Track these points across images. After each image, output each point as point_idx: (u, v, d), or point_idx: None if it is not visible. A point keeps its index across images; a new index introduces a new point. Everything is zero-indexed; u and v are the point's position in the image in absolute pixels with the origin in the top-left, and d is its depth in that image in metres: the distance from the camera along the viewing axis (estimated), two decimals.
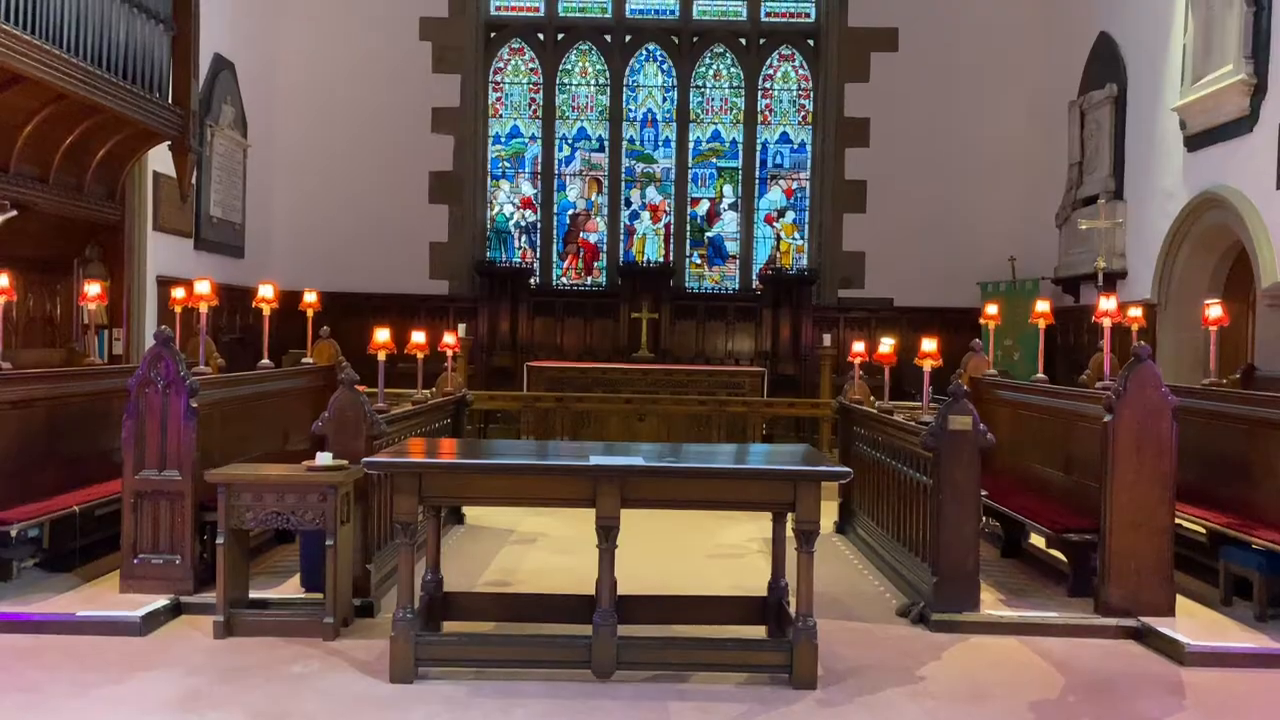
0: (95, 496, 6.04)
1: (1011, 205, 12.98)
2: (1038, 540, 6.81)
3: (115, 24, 7.98)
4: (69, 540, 6.04)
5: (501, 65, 13.75)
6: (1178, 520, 5.82)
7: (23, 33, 6.79)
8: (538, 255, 13.81)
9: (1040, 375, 7.35)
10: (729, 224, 13.93)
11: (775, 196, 13.91)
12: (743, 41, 13.66)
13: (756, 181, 13.84)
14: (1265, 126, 8.30)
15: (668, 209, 13.89)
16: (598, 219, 13.91)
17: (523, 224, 13.91)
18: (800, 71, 13.74)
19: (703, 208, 13.95)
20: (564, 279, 13.88)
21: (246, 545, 5.60)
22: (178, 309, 7.58)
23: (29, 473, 5.88)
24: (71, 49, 7.38)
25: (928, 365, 6.21)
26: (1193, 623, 5.50)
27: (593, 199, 13.92)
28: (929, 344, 6.34)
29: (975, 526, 5.71)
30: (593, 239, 13.94)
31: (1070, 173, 11.84)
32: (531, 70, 13.77)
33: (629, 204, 13.93)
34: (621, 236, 13.85)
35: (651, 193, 13.93)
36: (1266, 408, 5.94)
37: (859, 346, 8.03)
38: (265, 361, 7.16)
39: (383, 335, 6.52)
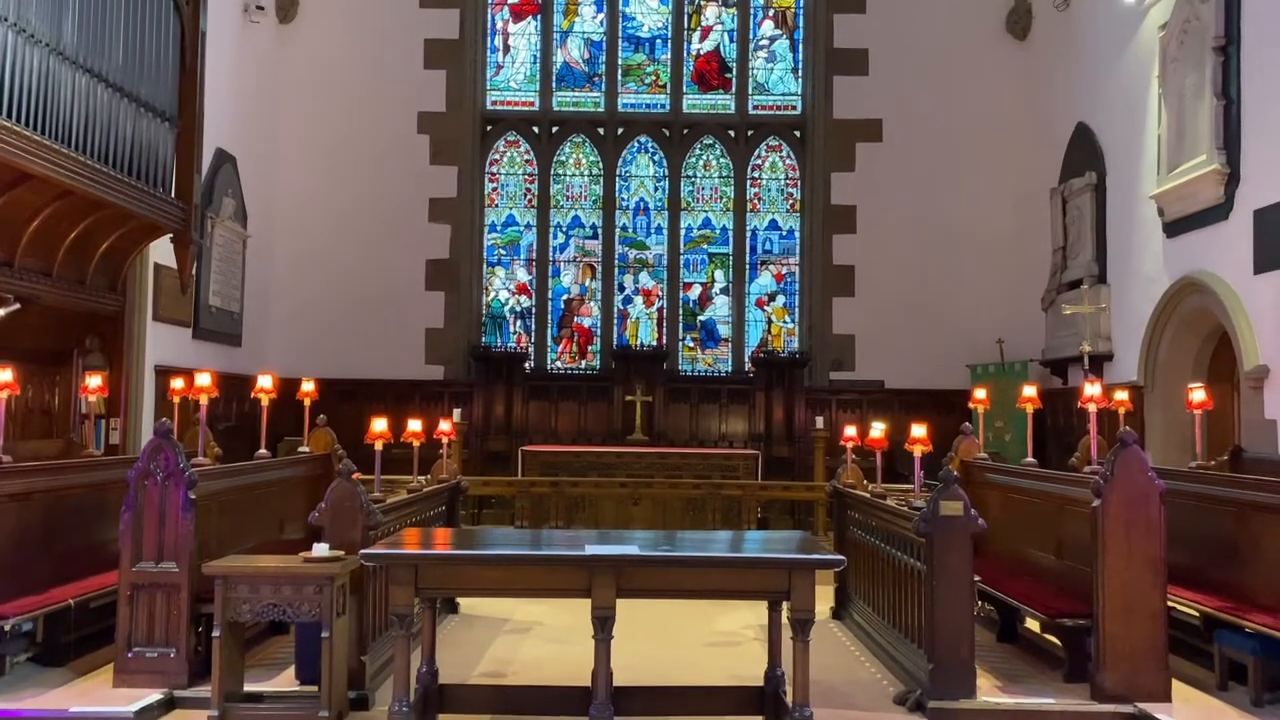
0: (90, 589, 6.03)
1: (998, 288, 13.21)
2: (1033, 624, 6.81)
3: (122, 122, 8.22)
4: (63, 634, 6.02)
5: (497, 156, 14.09)
6: (1171, 603, 5.85)
7: (32, 133, 7.00)
8: (532, 340, 13.97)
9: (1030, 459, 7.44)
10: (721, 308, 14.13)
11: (766, 281, 14.14)
12: (731, 133, 14.05)
13: (747, 266, 14.08)
14: (1240, 213, 8.55)
15: (660, 294, 14.11)
16: (592, 304, 14.11)
17: (518, 309, 14.10)
18: (787, 161, 14.10)
19: (695, 292, 14.16)
20: (558, 363, 14.01)
21: (242, 638, 5.59)
22: (176, 399, 7.66)
23: (24, 565, 5.89)
24: (79, 147, 7.60)
25: (918, 451, 6.29)
26: (1189, 709, 5.49)
27: (586, 284, 14.13)
28: (919, 429, 6.44)
29: (969, 612, 5.73)
30: (587, 323, 14.11)
31: (1054, 257, 12.10)
32: (527, 161, 14.11)
33: (622, 289, 14.14)
34: (615, 321, 14.03)
35: (644, 278, 14.15)
36: (1253, 491, 6.02)
37: (851, 430, 8.11)
38: (262, 451, 7.22)
39: (380, 425, 6.59)
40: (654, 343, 13.90)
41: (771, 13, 14.18)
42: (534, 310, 14.03)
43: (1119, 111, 10.83)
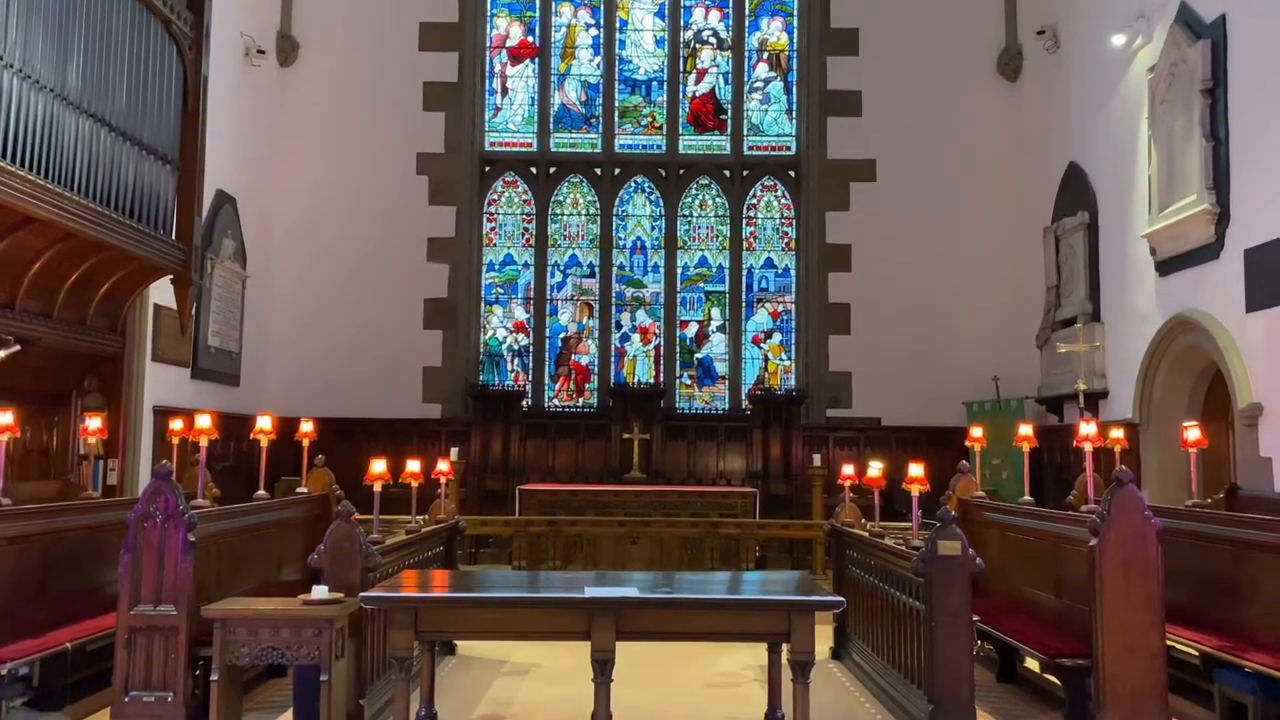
0: (88, 632, 6.01)
1: (993, 326, 13.29)
2: (1033, 664, 6.80)
3: (124, 165, 8.29)
4: (60, 677, 5.99)
5: (495, 197, 14.22)
6: (1170, 642, 5.85)
7: (36, 177, 7.08)
8: (530, 378, 14.01)
9: (1027, 498, 7.46)
10: (717, 345, 14.19)
11: (762, 319, 14.22)
12: (727, 173, 14.19)
13: (743, 304, 14.17)
14: (1231, 253, 8.64)
15: (657, 331, 14.17)
16: (589, 342, 14.16)
17: (515, 347, 14.15)
18: (782, 200, 14.23)
19: (692, 330, 14.23)
20: (556, 401, 14.04)
21: (240, 681, 5.57)
22: (175, 440, 7.67)
23: (22, 608, 5.87)
24: (82, 190, 7.66)
25: (915, 491, 6.32)
26: None
27: (584, 322, 14.20)
28: (916, 469, 6.46)
29: (969, 652, 5.72)
30: (584, 361, 14.16)
31: (1048, 295, 12.19)
32: (525, 201, 14.23)
33: (619, 327, 14.21)
34: (612, 358, 14.08)
35: (641, 316, 14.23)
36: (1250, 529, 6.04)
37: (849, 469, 8.13)
38: (261, 493, 7.22)
39: (379, 466, 6.61)
40: (651, 380, 13.94)
41: (765, 55, 14.38)
42: (531, 348, 14.09)
43: (1110, 151, 10.96)
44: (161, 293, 9.81)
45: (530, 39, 14.34)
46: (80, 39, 7.65)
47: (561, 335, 14.19)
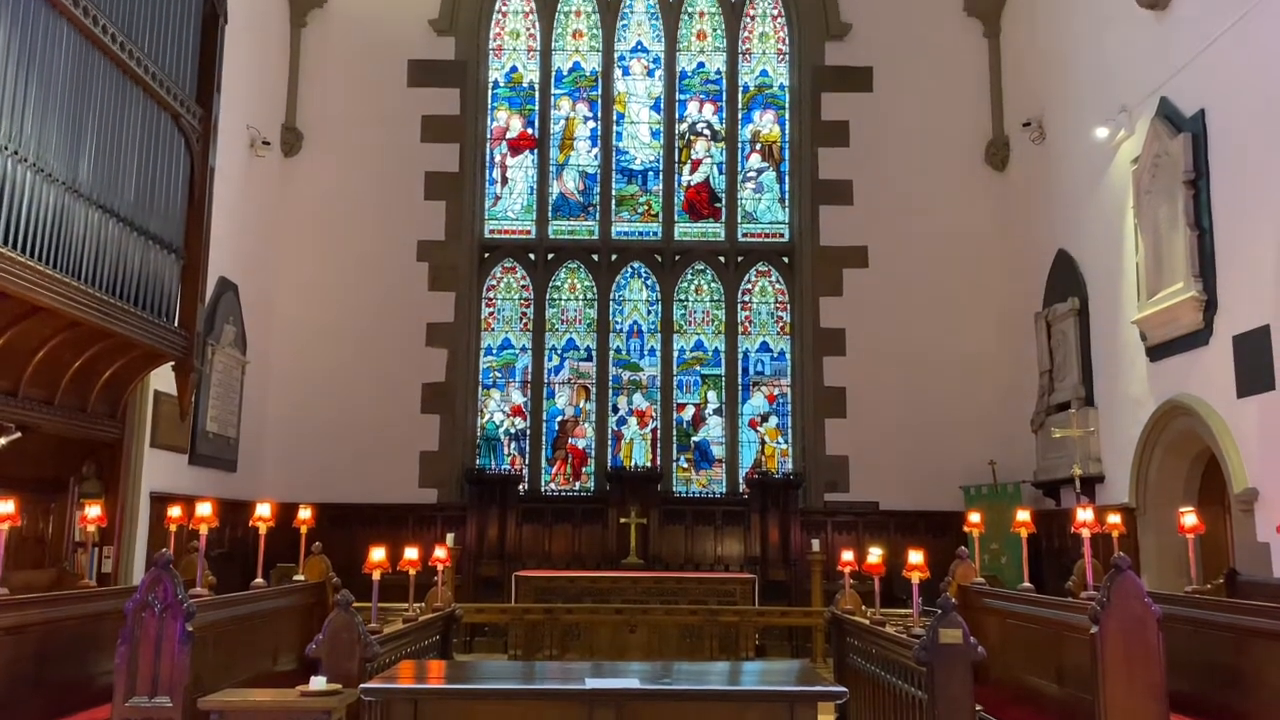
0: None
1: (988, 410, 13.37)
2: None
3: (130, 255, 8.41)
4: None
5: (494, 282, 14.41)
6: None
7: (45, 267, 7.19)
8: (527, 462, 14.01)
9: (1026, 584, 7.44)
10: (714, 428, 14.24)
11: (758, 402, 14.30)
12: (722, 259, 14.43)
13: (739, 388, 14.26)
14: (1220, 339, 8.77)
15: (654, 414, 14.23)
16: (586, 425, 14.21)
17: (512, 431, 14.18)
18: (777, 286, 14.44)
19: (688, 413, 14.29)
20: (553, 484, 14.02)
21: None
22: (173, 527, 7.65)
23: (14, 702, 5.79)
24: (88, 279, 7.77)
25: (915, 578, 6.32)
26: None
27: (581, 406, 14.26)
28: (916, 556, 6.47)
29: None
30: (581, 444, 14.18)
31: (1041, 380, 12.29)
32: (523, 287, 14.42)
33: (616, 410, 14.27)
34: (609, 442, 14.11)
35: (638, 399, 14.30)
36: (1251, 616, 6.03)
37: (848, 555, 8.13)
38: (259, 581, 7.19)
39: (378, 554, 6.60)
40: (648, 464, 13.95)
41: (758, 146, 14.74)
42: (529, 432, 14.12)
43: (1098, 239, 11.18)
44: (162, 379, 9.87)
45: (530, 131, 14.70)
46: (93, 133, 7.85)
47: (558, 419, 14.24)
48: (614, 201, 14.57)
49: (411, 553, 7.35)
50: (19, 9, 6.94)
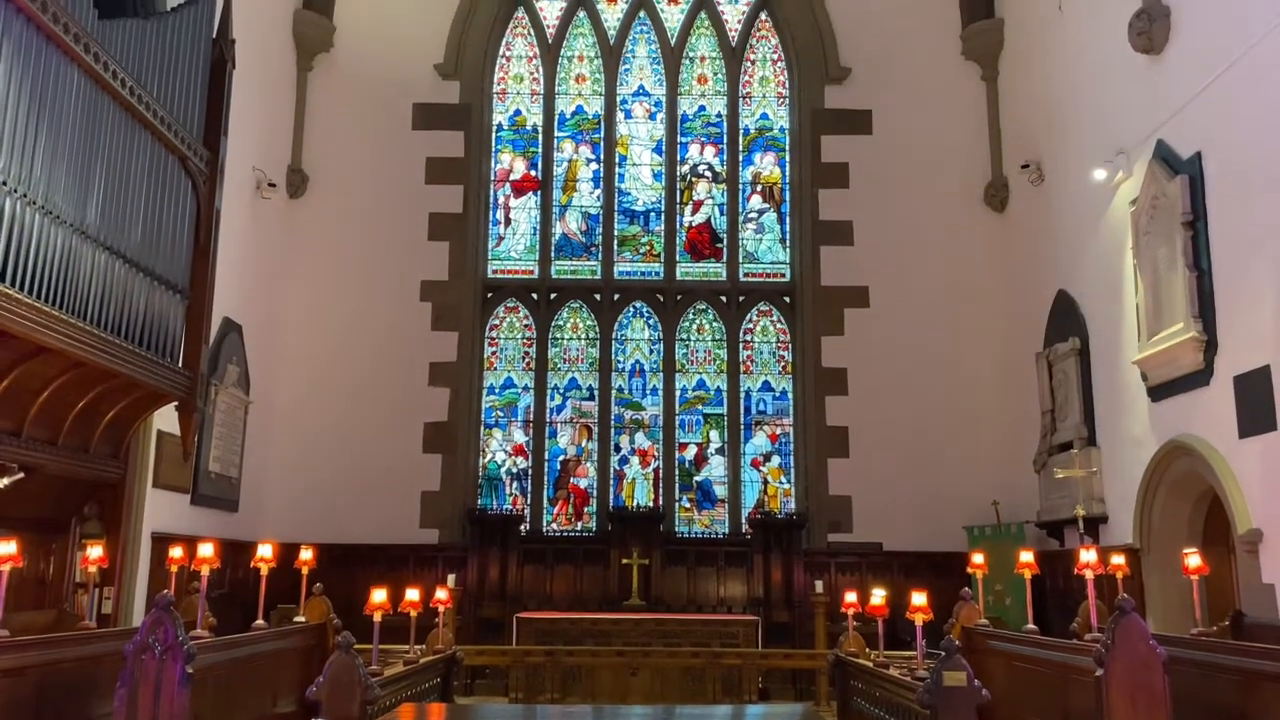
0: None
1: (991, 450, 13.34)
2: None
3: (136, 296, 8.47)
4: None
5: (497, 322, 14.47)
6: None
7: (52, 308, 7.25)
8: (528, 501, 13.97)
9: (1030, 626, 7.40)
10: (716, 468, 14.21)
11: (760, 441, 14.29)
12: (723, 299, 14.50)
13: (742, 427, 14.26)
14: (1220, 380, 8.78)
15: (656, 454, 14.21)
16: (588, 464, 14.19)
17: (514, 470, 14.16)
18: (778, 325, 14.50)
19: (690, 452, 14.28)
20: (554, 525, 13.97)
21: None
22: (174, 568, 7.63)
23: None
24: (94, 320, 7.82)
25: (919, 620, 6.29)
26: None
27: (583, 445, 14.25)
28: (919, 598, 6.44)
29: None
30: (583, 484, 14.15)
31: (1043, 420, 12.28)
32: (525, 326, 14.48)
33: (618, 449, 14.25)
34: (611, 481, 14.09)
35: (640, 438, 14.29)
36: (1257, 659, 5.99)
37: (852, 596, 8.09)
38: (260, 622, 7.16)
39: (379, 596, 6.58)
40: (650, 504, 13.90)
41: (759, 188, 14.87)
42: (530, 472, 14.10)
43: (1097, 279, 11.23)
44: (164, 419, 9.89)
45: (533, 173, 14.84)
46: (101, 175, 7.94)
47: (560, 458, 14.23)
48: (616, 242, 14.67)
49: (413, 594, 7.33)
50: (31, 54, 7.06)
